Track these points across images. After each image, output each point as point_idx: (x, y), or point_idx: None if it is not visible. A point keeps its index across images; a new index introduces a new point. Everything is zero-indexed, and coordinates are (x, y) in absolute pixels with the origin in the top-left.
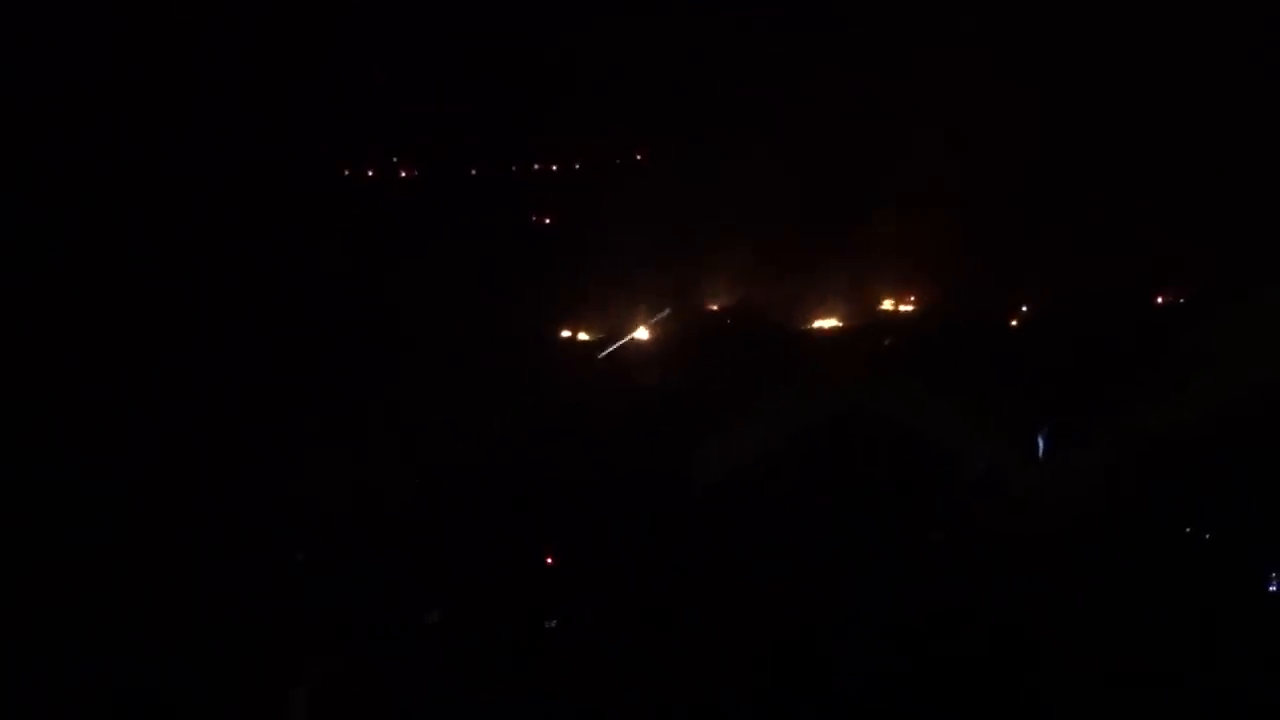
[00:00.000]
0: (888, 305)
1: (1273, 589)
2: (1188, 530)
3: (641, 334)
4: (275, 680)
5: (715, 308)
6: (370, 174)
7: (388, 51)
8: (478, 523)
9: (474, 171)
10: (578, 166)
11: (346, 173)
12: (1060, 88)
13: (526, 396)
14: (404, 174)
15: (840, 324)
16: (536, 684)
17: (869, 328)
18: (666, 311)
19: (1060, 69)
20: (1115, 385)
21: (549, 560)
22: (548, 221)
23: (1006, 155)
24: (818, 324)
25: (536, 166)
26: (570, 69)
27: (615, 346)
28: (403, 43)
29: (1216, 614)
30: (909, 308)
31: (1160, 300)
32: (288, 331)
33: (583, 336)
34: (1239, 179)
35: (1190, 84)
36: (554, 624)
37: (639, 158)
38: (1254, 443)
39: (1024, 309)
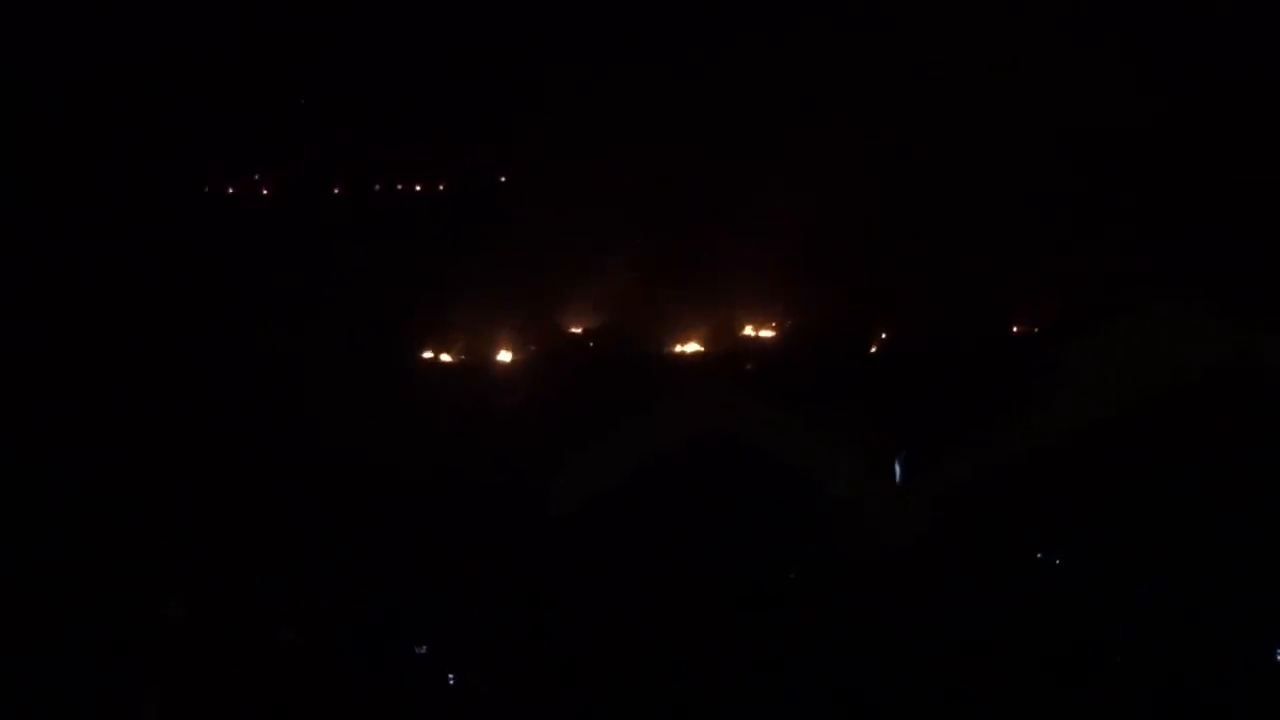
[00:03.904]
0: (749, 330)
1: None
2: (1040, 555)
3: (504, 356)
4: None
5: (578, 331)
6: (230, 190)
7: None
8: (332, 547)
9: (335, 191)
10: (441, 188)
11: (206, 190)
12: (921, 115)
13: (386, 418)
14: (264, 191)
15: (701, 348)
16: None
17: (730, 352)
18: None
19: (924, 99)
20: (971, 409)
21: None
22: (407, 241)
23: (867, 182)
24: (679, 348)
25: (399, 186)
26: (431, 86)
27: None
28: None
29: (1070, 636)
30: (770, 332)
31: (1016, 328)
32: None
33: (445, 359)
34: (1098, 207)
35: (1056, 114)
36: (423, 650)
37: (502, 180)
38: (1108, 467)
39: (883, 335)
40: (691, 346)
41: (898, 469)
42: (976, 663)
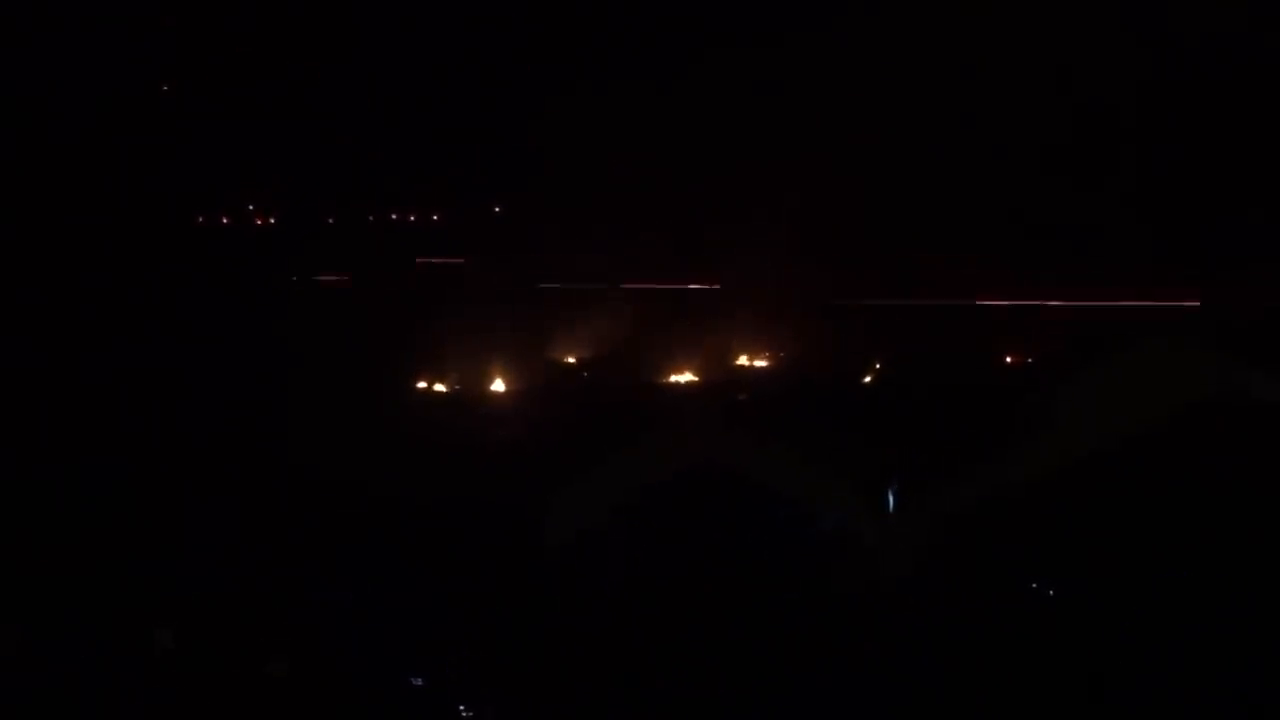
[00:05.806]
0: (743, 360)
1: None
2: (1035, 585)
3: (498, 386)
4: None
5: (572, 360)
6: (224, 218)
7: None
8: (325, 578)
9: (330, 220)
10: (435, 217)
11: (200, 220)
12: (912, 145)
13: (380, 449)
14: (258, 220)
15: (695, 377)
16: None
17: (724, 381)
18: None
19: (914, 130)
20: (965, 439)
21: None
22: (401, 270)
23: (861, 212)
24: (673, 377)
25: (394, 215)
26: (427, 115)
27: None
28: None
29: (1065, 666)
30: (764, 362)
31: (1009, 359)
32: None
33: (439, 388)
34: (1091, 237)
35: (1049, 138)
36: (419, 682)
37: (496, 209)
38: (1102, 495)
39: (876, 364)
40: (685, 376)
41: (891, 498)
42: (971, 692)
